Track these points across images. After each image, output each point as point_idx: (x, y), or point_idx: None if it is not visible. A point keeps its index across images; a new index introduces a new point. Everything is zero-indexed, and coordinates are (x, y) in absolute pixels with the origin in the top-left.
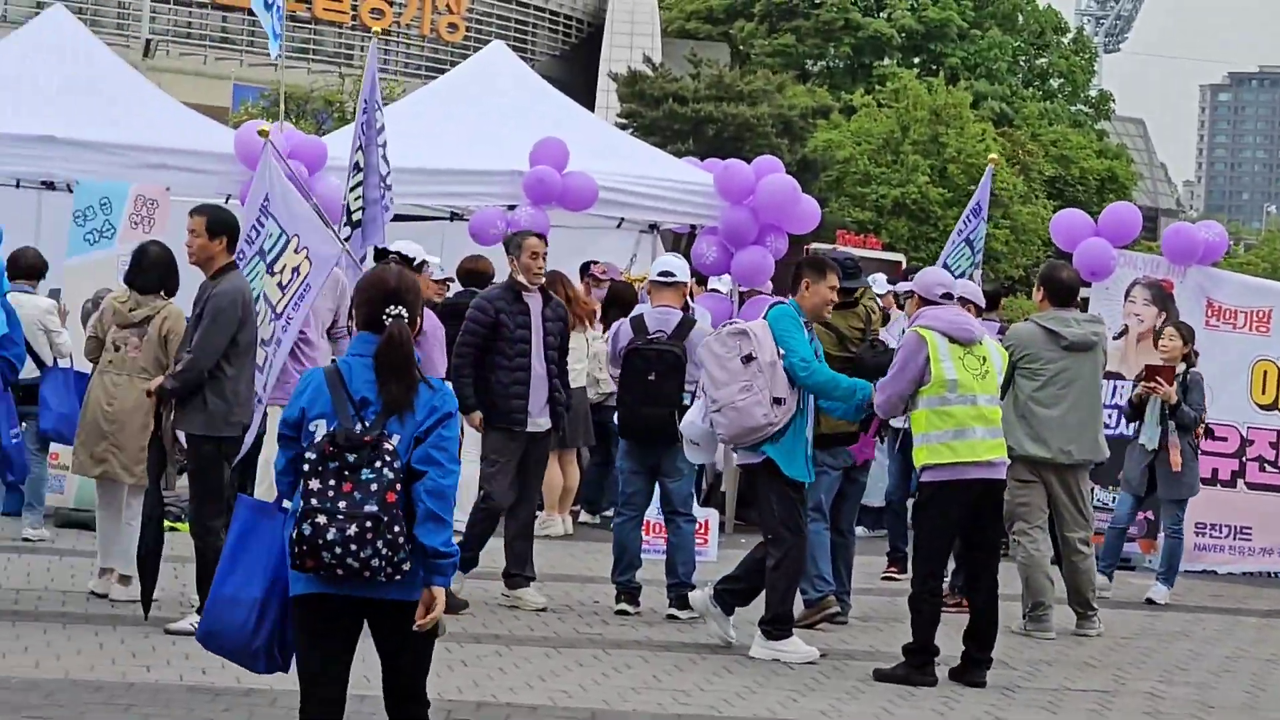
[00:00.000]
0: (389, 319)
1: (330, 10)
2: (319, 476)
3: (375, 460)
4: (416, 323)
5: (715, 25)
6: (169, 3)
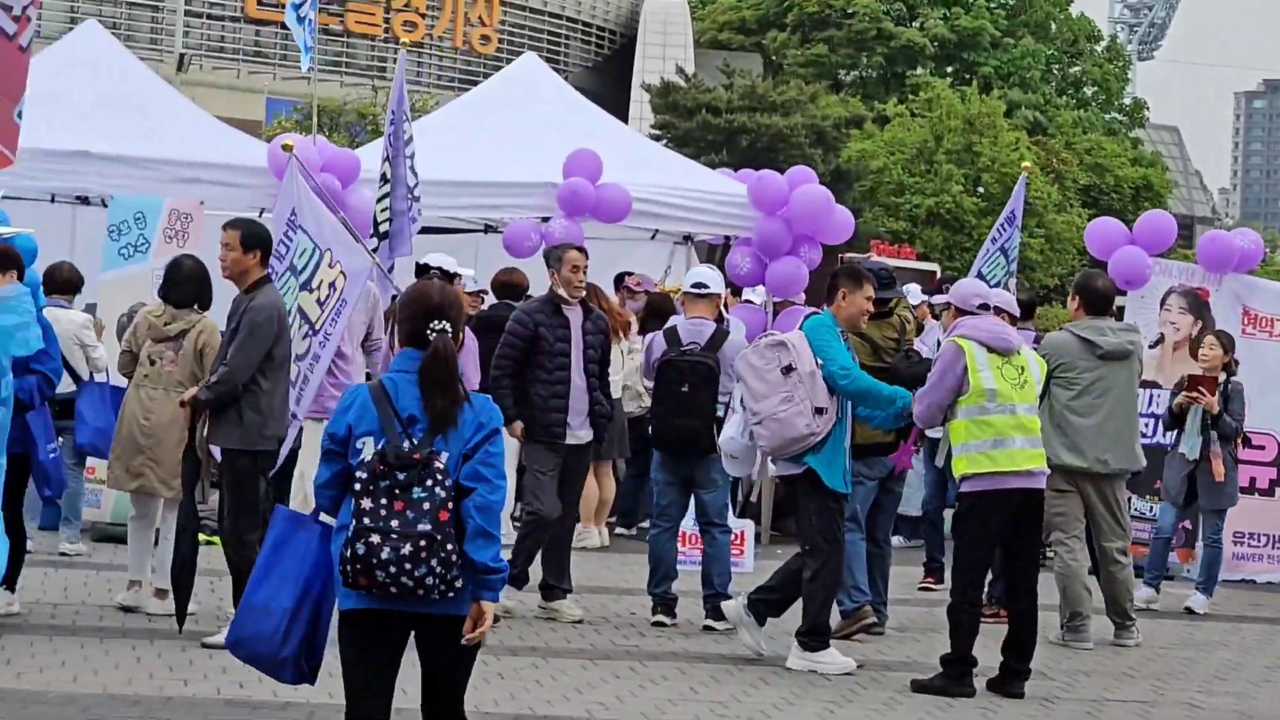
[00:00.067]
0: (433, 334)
1: (363, 23)
2: (370, 495)
3: (426, 479)
4: (459, 337)
5: (748, 36)
6: (202, 17)
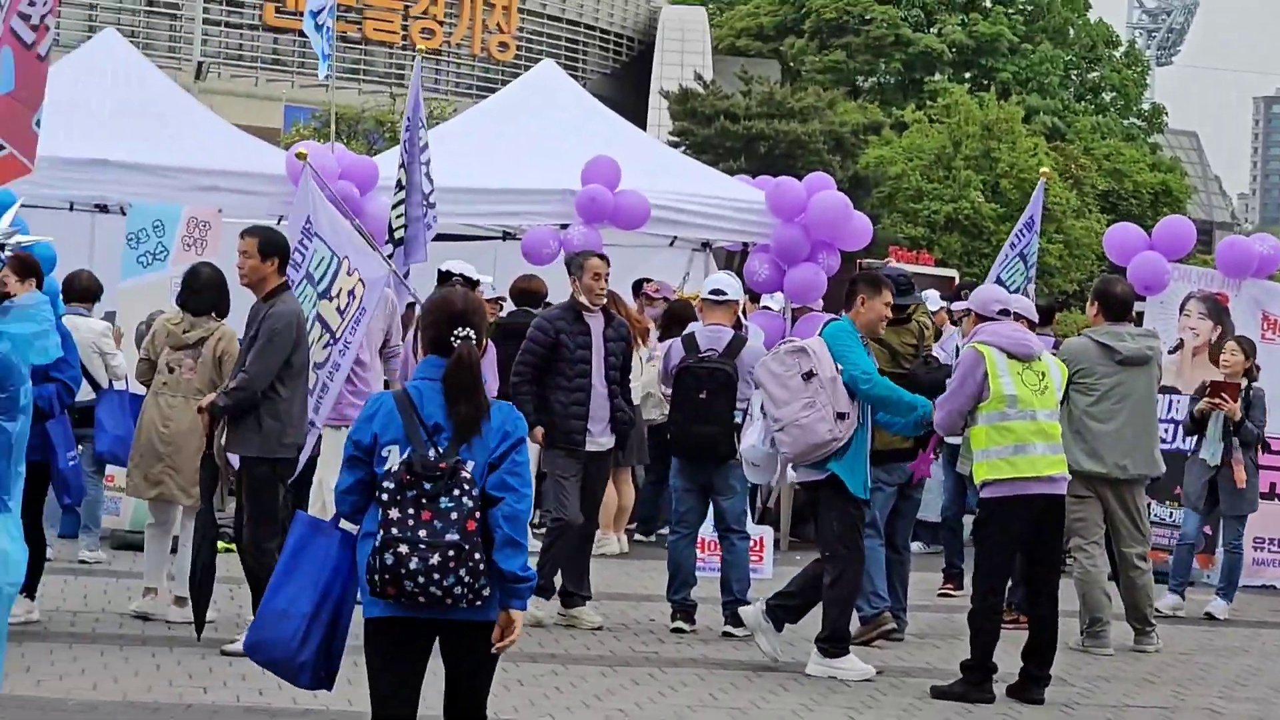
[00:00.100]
0: (456, 341)
1: (381, 31)
2: (398, 506)
3: (453, 488)
4: (483, 344)
5: (766, 42)
6: (220, 25)
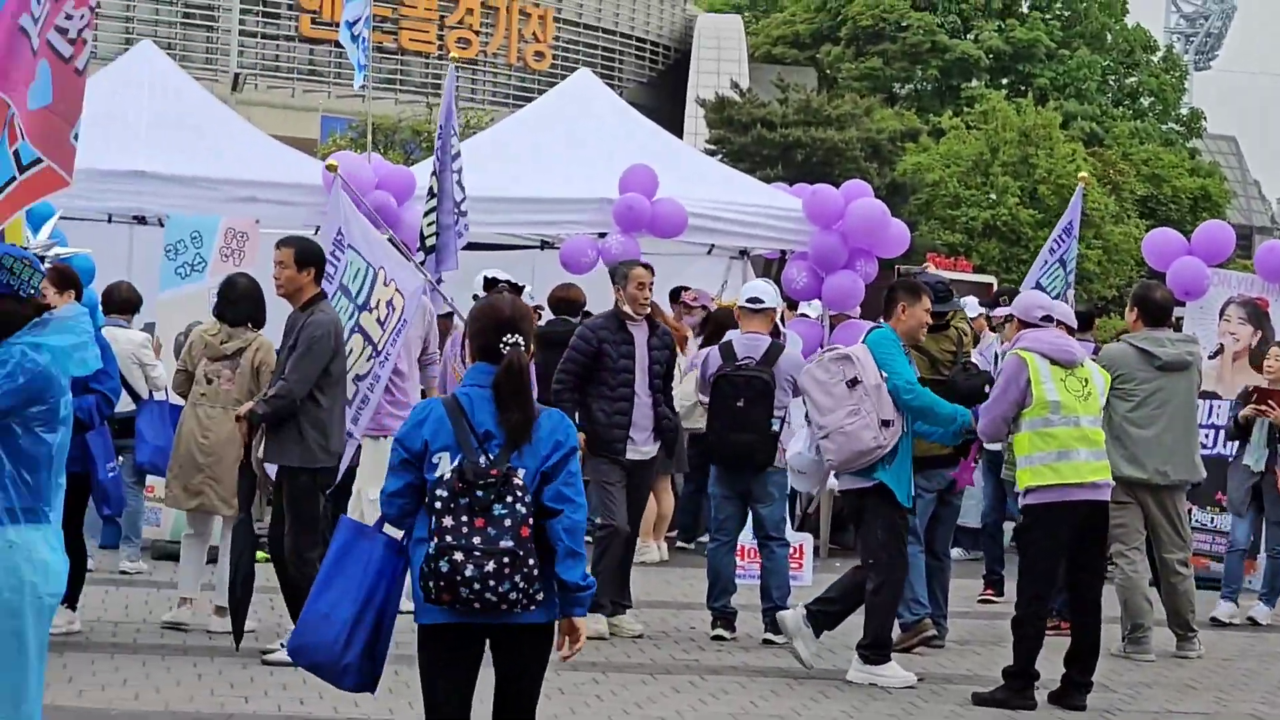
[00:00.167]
0: (506, 348)
1: (417, 40)
2: (451, 513)
3: (506, 495)
4: (530, 350)
5: (802, 50)
6: (257, 36)
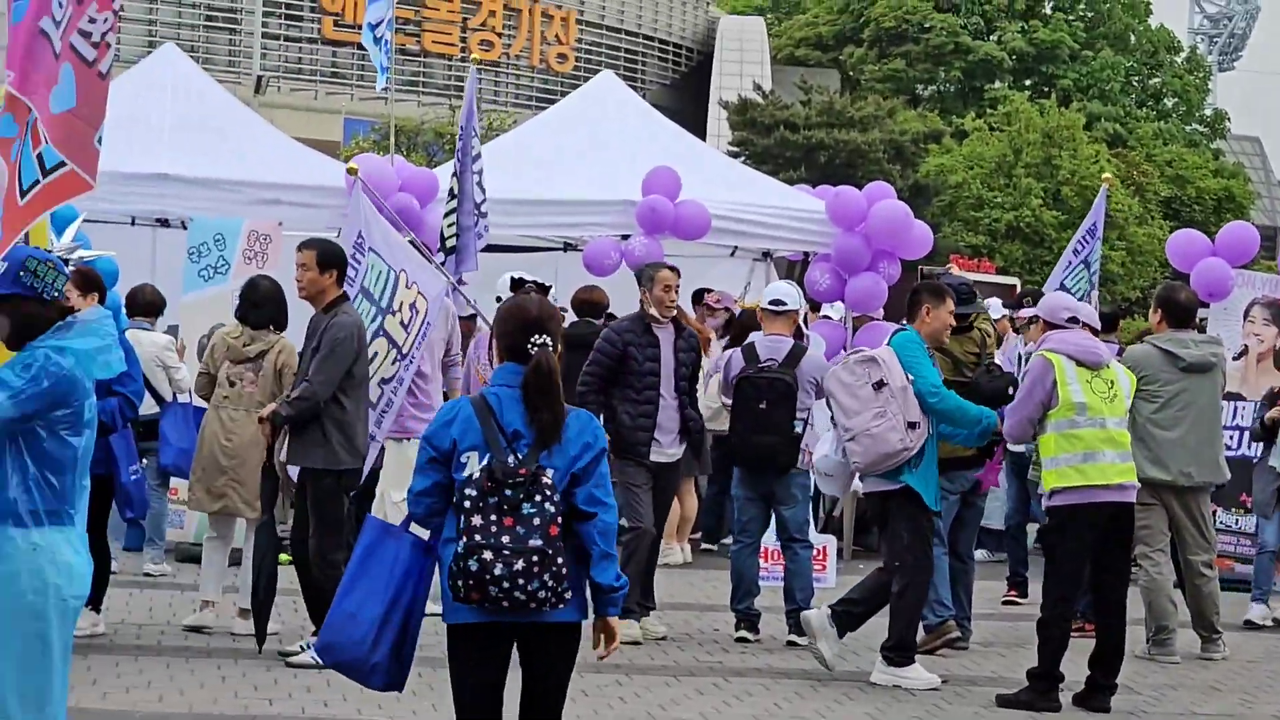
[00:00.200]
0: (534, 348)
1: (439, 43)
2: (480, 512)
3: (535, 494)
4: (559, 351)
5: (825, 52)
6: (279, 39)
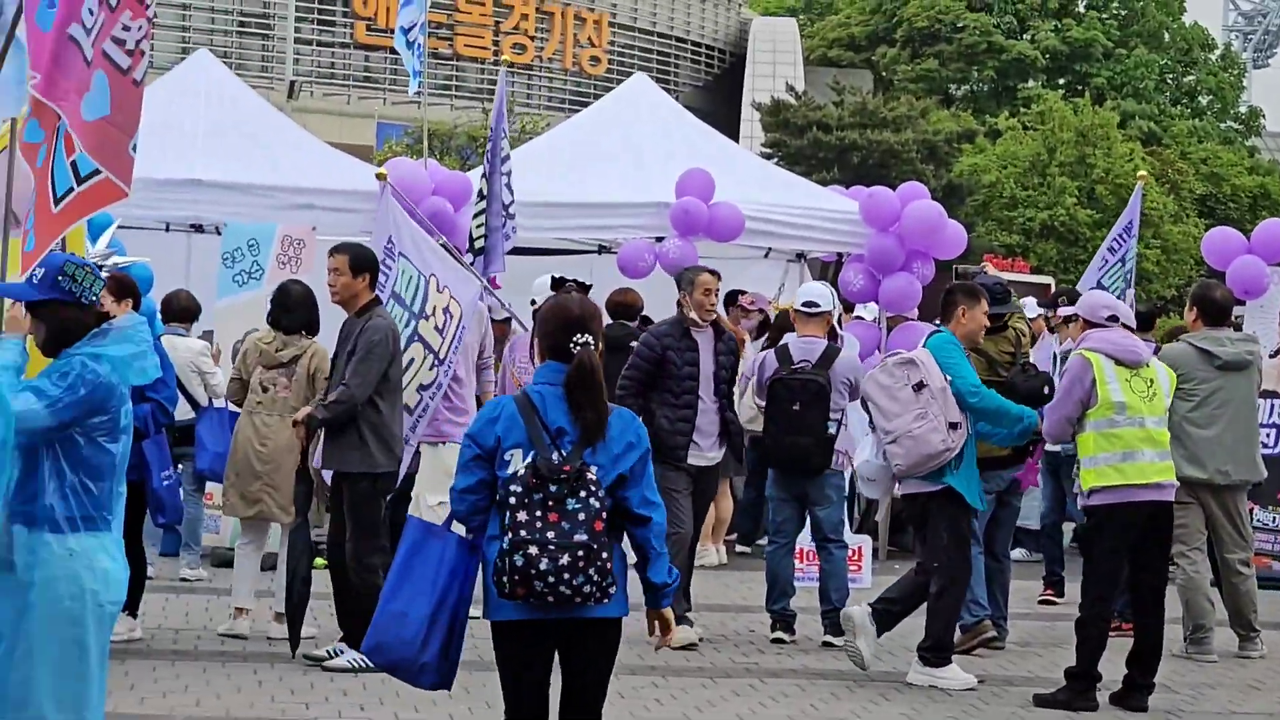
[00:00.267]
0: (576, 347)
1: (472, 46)
2: (525, 508)
3: (580, 490)
4: (600, 349)
5: (857, 52)
6: (312, 44)
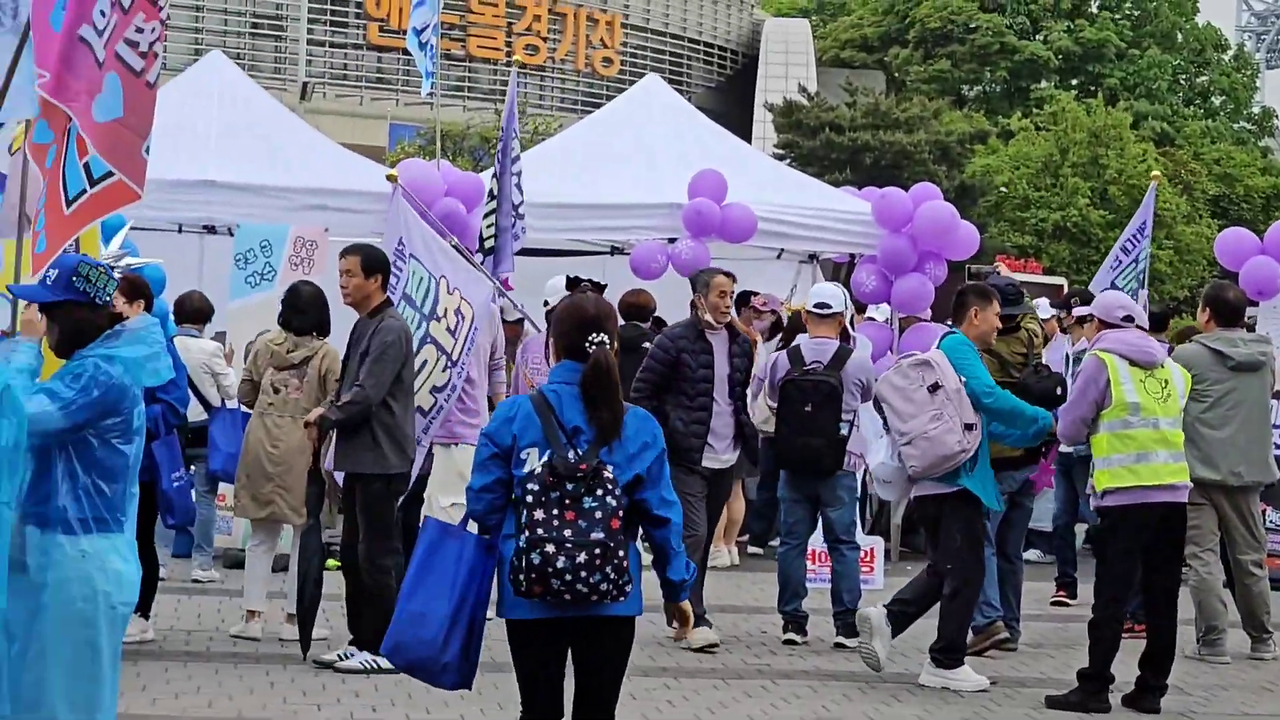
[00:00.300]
0: (592, 346)
1: (485, 48)
2: (542, 507)
3: (596, 488)
4: (615, 349)
5: (870, 53)
6: (325, 45)
